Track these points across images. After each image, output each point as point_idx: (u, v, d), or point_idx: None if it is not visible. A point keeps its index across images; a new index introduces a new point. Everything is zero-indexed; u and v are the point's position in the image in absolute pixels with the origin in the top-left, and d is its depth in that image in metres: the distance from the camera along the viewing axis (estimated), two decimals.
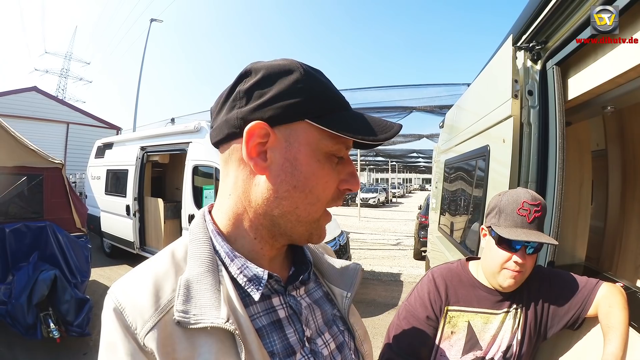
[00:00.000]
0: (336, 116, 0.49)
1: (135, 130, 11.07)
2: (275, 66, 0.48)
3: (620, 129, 2.09)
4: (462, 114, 2.56)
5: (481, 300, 1.04)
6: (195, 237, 0.52)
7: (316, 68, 0.52)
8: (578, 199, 1.68)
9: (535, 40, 1.38)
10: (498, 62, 1.60)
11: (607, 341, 0.87)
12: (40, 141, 4.40)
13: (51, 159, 3.60)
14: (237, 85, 0.49)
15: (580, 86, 1.29)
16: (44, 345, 3.14)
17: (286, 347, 0.51)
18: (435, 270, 1.12)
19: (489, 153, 1.64)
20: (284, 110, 0.47)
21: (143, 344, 0.43)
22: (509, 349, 1.02)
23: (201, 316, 0.44)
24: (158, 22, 12.37)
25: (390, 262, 7.16)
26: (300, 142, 0.48)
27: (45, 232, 3.28)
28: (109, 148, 6.65)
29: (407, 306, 1.08)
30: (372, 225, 13.18)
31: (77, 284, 3.25)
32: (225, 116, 0.50)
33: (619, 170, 2.12)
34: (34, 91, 14.28)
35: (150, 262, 0.51)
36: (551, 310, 1.03)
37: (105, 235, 6.56)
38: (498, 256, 0.98)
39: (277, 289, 0.54)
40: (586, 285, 1.02)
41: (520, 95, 1.37)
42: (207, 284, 0.47)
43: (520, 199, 0.97)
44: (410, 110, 7.65)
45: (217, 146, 0.53)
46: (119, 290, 0.47)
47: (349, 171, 0.53)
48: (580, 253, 1.72)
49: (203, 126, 4.67)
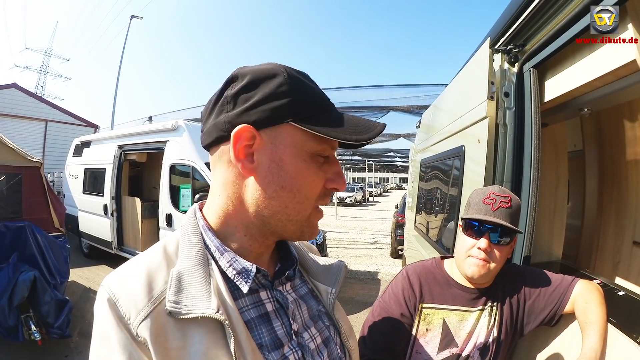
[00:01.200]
0: (320, 118, 0.51)
1: (113, 128, 10.91)
2: (260, 71, 0.50)
3: (597, 130, 2.15)
4: (439, 114, 2.59)
5: (456, 297, 1.06)
6: (187, 232, 0.54)
7: (301, 71, 0.53)
8: (554, 198, 1.72)
9: (513, 43, 1.41)
10: (475, 64, 1.63)
11: (585, 337, 0.88)
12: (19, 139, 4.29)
13: (30, 158, 3.52)
14: (225, 90, 0.51)
15: (556, 89, 1.32)
16: (25, 347, 3.08)
17: (274, 340, 0.53)
18: (409, 267, 1.13)
19: (464, 153, 1.67)
20: (269, 114, 0.49)
21: (136, 334, 0.43)
22: (486, 346, 1.03)
23: (192, 307, 0.45)
24: (138, 18, 12.16)
25: (368, 261, 7.23)
26: (285, 143, 0.50)
27: (24, 233, 3.20)
28: (86, 146, 6.54)
29: (382, 303, 1.09)
30: (349, 224, 13.25)
31: (57, 285, 3.18)
32: (214, 120, 0.51)
33: (596, 170, 2.18)
34: (14, 88, 13.92)
35: (143, 256, 0.52)
36: (527, 307, 1.05)
37: (83, 235, 6.44)
38: (464, 244, 1.02)
39: (264, 283, 0.56)
40: (562, 283, 1.04)
41: (496, 96, 1.39)
42: (198, 276, 0.48)
43: (488, 191, 1.01)
44: (387, 110, 7.75)
45: (208, 149, 0.55)
46: (113, 281, 0.48)
47: (335, 170, 0.55)
48: (557, 251, 1.76)
49: (180, 125, 4.63)
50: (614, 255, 1.98)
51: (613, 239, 2.01)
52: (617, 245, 1.97)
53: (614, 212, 2.04)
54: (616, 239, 1.99)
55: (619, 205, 2.00)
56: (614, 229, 2.02)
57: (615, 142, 2.00)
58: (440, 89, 5.68)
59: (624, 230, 1.94)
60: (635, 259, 1.85)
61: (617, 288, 1.38)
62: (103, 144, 6.06)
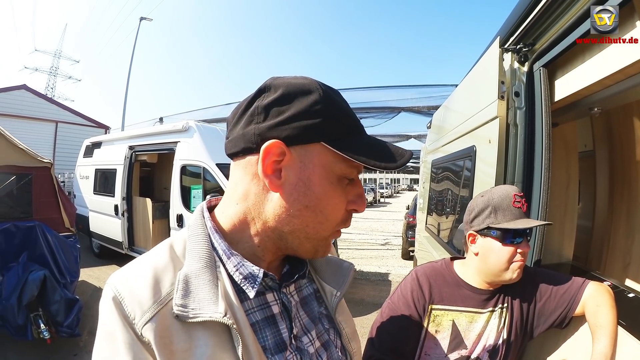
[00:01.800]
0: (351, 141, 0.50)
1: (124, 129, 11.00)
2: (294, 85, 0.50)
3: (608, 130, 2.12)
4: (449, 114, 2.57)
5: (466, 299, 1.05)
6: (194, 234, 0.53)
7: (334, 88, 0.53)
8: (565, 199, 1.70)
9: (522, 42, 1.39)
10: (485, 64, 1.61)
11: (596, 340, 0.87)
12: (29, 140, 4.34)
13: (40, 159, 3.56)
14: (256, 100, 0.50)
15: (566, 88, 1.31)
16: (34, 346, 3.11)
17: (278, 343, 0.53)
18: (418, 269, 1.13)
19: (475, 153, 1.65)
20: (301, 131, 0.48)
21: (141, 334, 0.43)
22: (495, 348, 1.02)
23: (200, 310, 0.45)
24: (148, 20, 12.31)
25: (379, 262, 7.20)
26: (314, 163, 0.50)
27: (34, 232, 3.25)
28: (97, 147, 6.59)
29: (390, 305, 1.08)
30: (360, 225, 13.20)
31: (67, 284, 3.22)
32: (243, 130, 0.51)
33: (607, 170, 2.15)
34: (24, 89, 14.10)
35: (150, 255, 0.52)
36: (537, 309, 1.04)
37: (94, 235, 6.50)
38: (504, 253, 0.98)
39: (271, 285, 0.56)
40: (573, 285, 1.02)
41: (506, 96, 1.38)
42: (205, 279, 0.48)
43: (509, 193, 0.99)
44: (398, 111, 7.70)
45: (232, 157, 0.55)
46: (119, 280, 0.47)
47: (358, 192, 0.55)
48: (567, 252, 1.74)
49: (191, 126, 4.65)
50: (624, 256, 1.95)
51: (624, 239, 1.98)
52: (628, 246, 1.94)
53: (624, 212, 2.01)
54: (627, 240, 1.96)
55: (630, 206, 1.97)
56: (625, 229, 1.99)
57: (625, 142, 1.97)
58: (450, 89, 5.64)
59: (634, 231, 1.91)
60: None
61: (627, 290, 1.37)
62: (114, 145, 6.10)
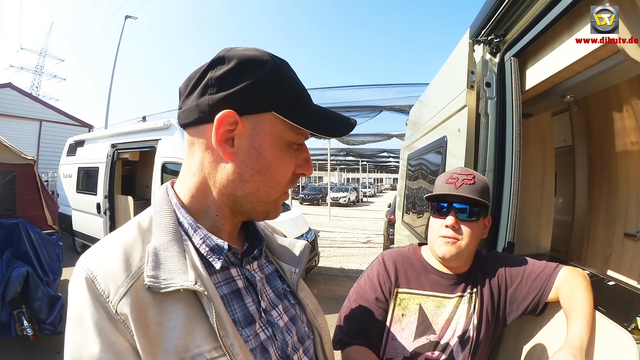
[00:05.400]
0: (299, 109, 0.53)
1: (107, 128, 10.90)
2: (247, 56, 0.51)
3: (586, 124, 2.14)
4: (423, 108, 2.60)
5: (433, 283, 1.04)
6: (160, 209, 0.54)
7: (283, 59, 0.55)
8: (541, 189, 1.71)
9: (494, 33, 1.41)
10: (456, 55, 1.63)
11: (570, 323, 0.83)
12: (13, 138, 4.31)
13: (24, 156, 3.56)
14: (209, 71, 0.51)
15: (537, 76, 1.32)
16: (18, 343, 3.10)
17: (246, 316, 0.54)
18: (385, 253, 1.13)
19: (446, 144, 1.67)
20: (253, 101, 0.50)
21: (115, 311, 0.43)
22: (465, 334, 1.00)
23: (171, 280, 0.46)
24: (133, 19, 12.25)
25: (360, 260, 7.21)
26: (265, 131, 0.52)
27: (17, 229, 3.22)
28: (80, 146, 6.54)
29: (357, 288, 1.08)
30: (342, 223, 13.21)
31: (49, 282, 3.19)
32: (196, 101, 0.52)
33: (586, 163, 2.17)
34: (9, 87, 14.04)
35: (117, 233, 0.52)
36: (509, 294, 1.02)
37: (77, 234, 6.44)
38: (432, 226, 1.01)
39: (234, 261, 0.58)
40: (545, 269, 1.00)
41: (477, 87, 1.39)
42: (174, 251, 0.49)
43: (450, 172, 1.01)
44: (380, 110, 7.75)
45: (185, 128, 0.56)
46: (89, 259, 0.48)
47: (305, 157, 0.58)
48: (544, 242, 1.74)
49: (172, 123, 4.64)
50: (605, 248, 1.97)
51: (604, 231, 2.00)
52: (609, 238, 1.96)
53: (604, 204, 2.03)
54: (607, 232, 1.98)
55: (610, 198, 1.99)
56: (605, 221, 2.01)
57: (604, 135, 2.00)
58: None
59: (614, 223, 1.93)
60: (626, 251, 1.84)
61: (608, 279, 1.36)
62: (97, 143, 6.06)
